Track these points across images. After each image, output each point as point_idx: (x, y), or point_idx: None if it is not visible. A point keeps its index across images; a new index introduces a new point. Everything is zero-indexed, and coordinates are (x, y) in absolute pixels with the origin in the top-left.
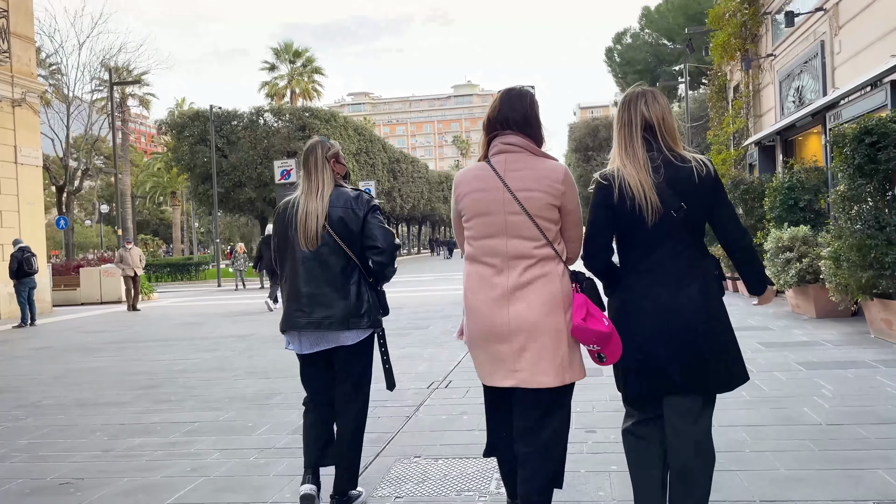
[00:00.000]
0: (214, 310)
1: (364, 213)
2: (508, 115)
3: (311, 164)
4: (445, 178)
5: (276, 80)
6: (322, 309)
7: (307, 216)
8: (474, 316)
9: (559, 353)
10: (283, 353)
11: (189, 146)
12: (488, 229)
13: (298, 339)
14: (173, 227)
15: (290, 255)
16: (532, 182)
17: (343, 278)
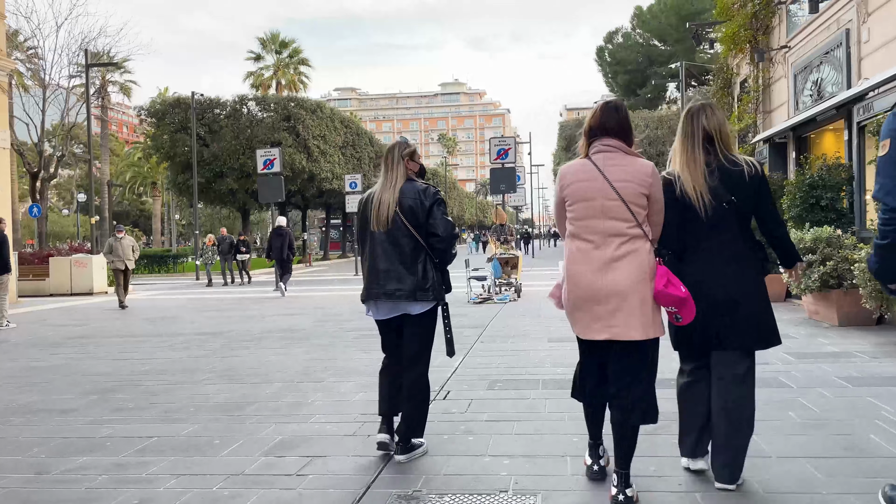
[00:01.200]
0: (190, 304)
1: (430, 204)
2: (607, 123)
3: (390, 160)
4: (432, 174)
5: (261, 70)
6: (395, 283)
7: (381, 203)
8: (575, 281)
9: (646, 313)
10: (260, 354)
11: (169, 134)
12: (589, 212)
13: (375, 307)
14: (153, 218)
15: (369, 238)
16: (627, 175)
17: (412, 258)
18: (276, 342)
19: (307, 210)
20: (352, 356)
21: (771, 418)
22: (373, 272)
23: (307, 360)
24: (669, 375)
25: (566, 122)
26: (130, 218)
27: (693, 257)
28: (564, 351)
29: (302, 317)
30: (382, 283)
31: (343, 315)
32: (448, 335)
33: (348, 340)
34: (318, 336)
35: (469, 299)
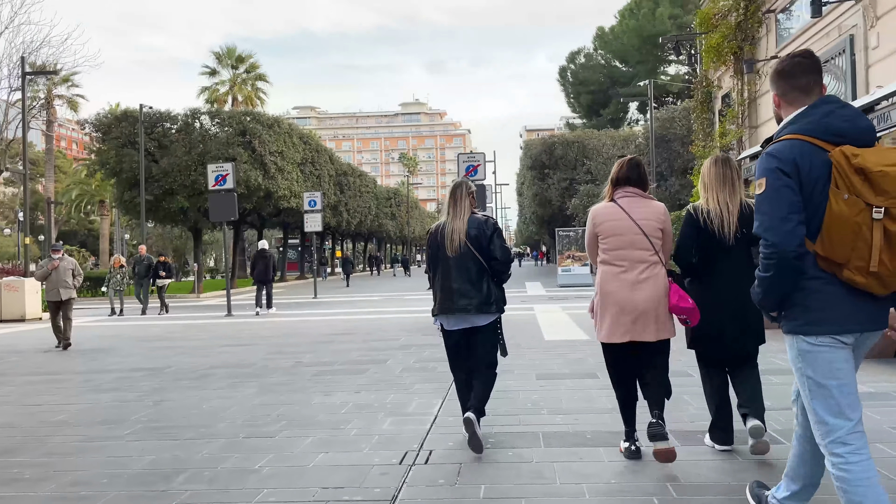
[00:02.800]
0: (130, 333)
1: (490, 233)
2: (630, 175)
3: (457, 196)
4: (394, 193)
5: (217, 85)
6: (465, 299)
7: (452, 231)
8: (610, 297)
9: (665, 321)
10: (202, 395)
11: (116, 149)
12: (619, 244)
13: (447, 320)
14: (101, 238)
15: (441, 262)
16: (647, 214)
17: (478, 278)
18: (222, 380)
19: (263, 229)
20: (310, 399)
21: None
22: (446, 291)
23: (256, 405)
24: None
25: (531, 142)
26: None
27: (708, 277)
28: (559, 392)
29: (253, 348)
30: (455, 299)
31: (300, 346)
32: (501, 339)
33: (306, 378)
34: (271, 373)
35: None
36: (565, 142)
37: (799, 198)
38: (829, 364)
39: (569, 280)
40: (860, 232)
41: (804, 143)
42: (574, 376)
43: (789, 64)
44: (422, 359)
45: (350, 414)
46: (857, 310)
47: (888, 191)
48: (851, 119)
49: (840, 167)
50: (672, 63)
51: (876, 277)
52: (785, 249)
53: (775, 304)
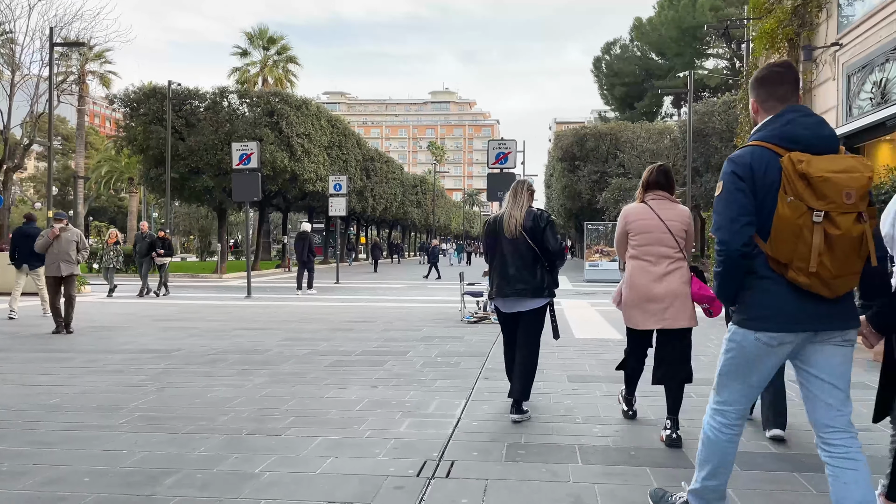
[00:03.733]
0: (147, 311)
1: (543, 225)
2: (659, 180)
3: (518, 190)
4: (420, 181)
5: (247, 66)
6: (520, 284)
7: (510, 217)
8: (637, 288)
9: (688, 310)
10: (209, 383)
11: (143, 125)
12: (648, 240)
13: (503, 303)
14: (129, 215)
15: (498, 249)
16: (674, 216)
17: (532, 264)
18: (232, 367)
19: (288, 213)
20: (323, 392)
21: None
22: (503, 276)
23: (264, 396)
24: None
25: (562, 133)
26: (108, 214)
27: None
28: (594, 398)
29: (269, 333)
30: (512, 283)
31: (318, 333)
32: (554, 322)
33: (321, 368)
34: (284, 361)
35: (463, 318)
36: (597, 133)
37: (750, 201)
38: (754, 360)
39: (596, 275)
40: (801, 234)
41: (763, 149)
42: (609, 380)
43: (769, 73)
44: (444, 352)
45: (365, 412)
46: (800, 310)
47: (828, 195)
48: (812, 127)
49: (787, 172)
50: (710, 57)
51: (817, 278)
52: (732, 248)
53: (729, 298)
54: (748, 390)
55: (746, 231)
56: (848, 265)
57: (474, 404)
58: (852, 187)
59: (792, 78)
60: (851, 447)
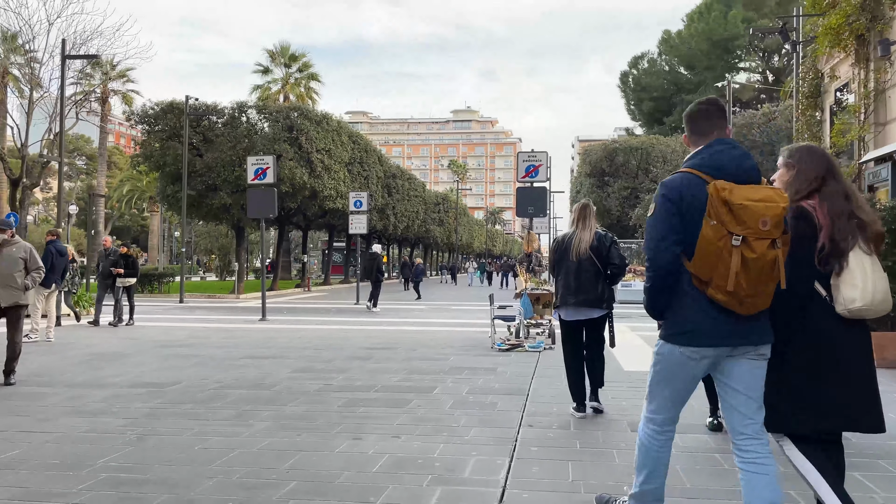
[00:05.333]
0: (152, 335)
1: (609, 244)
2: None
3: (586, 214)
4: (443, 199)
5: (269, 84)
6: (583, 294)
7: (581, 241)
8: None
9: None
10: (200, 429)
11: (160, 141)
12: None
13: (566, 311)
14: (150, 234)
15: (565, 265)
16: None
17: (595, 278)
18: (232, 406)
19: (308, 231)
20: (333, 444)
21: None
22: (568, 287)
23: (263, 449)
24: None
25: (590, 148)
26: (131, 234)
27: None
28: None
29: (279, 362)
30: (575, 294)
31: (333, 363)
32: (612, 331)
33: (333, 411)
34: (292, 399)
35: (493, 344)
36: (628, 148)
37: (679, 223)
38: (679, 372)
39: (629, 296)
40: (721, 255)
41: (693, 176)
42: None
43: (697, 110)
44: (476, 389)
45: (384, 475)
46: (719, 325)
47: (746, 221)
48: (737, 159)
49: (711, 198)
50: (741, 70)
51: (733, 296)
52: (660, 265)
53: (658, 312)
54: (675, 399)
55: (673, 250)
56: (761, 286)
57: (521, 465)
58: (768, 215)
59: (717, 113)
60: (761, 453)
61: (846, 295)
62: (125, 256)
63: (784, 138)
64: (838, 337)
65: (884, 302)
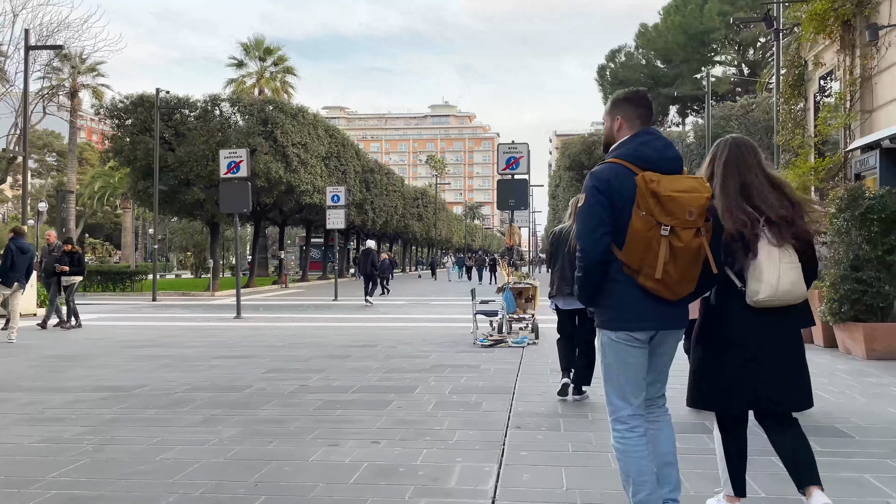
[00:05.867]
0: (121, 335)
1: None
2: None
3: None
4: (422, 194)
5: (243, 77)
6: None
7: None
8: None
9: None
10: (163, 438)
11: (131, 136)
12: None
13: (562, 300)
14: (124, 231)
15: (561, 255)
16: None
17: None
18: (199, 411)
19: (285, 227)
20: (307, 452)
21: None
22: (564, 277)
23: (231, 459)
24: None
25: (569, 141)
26: (104, 231)
27: None
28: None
29: (252, 362)
30: (571, 284)
31: (310, 362)
32: None
33: (308, 414)
34: (265, 402)
35: (476, 340)
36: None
37: (608, 213)
38: (623, 357)
39: None
40: (650, 244)
41: (621, 166)
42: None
43: (635, 95)
44: (460, 388)
45: (363, 487)
46: (650, 311)
47: (674, 212)
48: (661, 150)
49: (640, 189)
50: (717, 63)
51: (663, 284)
52: (591, 255)
53: (588, 300)
54: (631, 388)
55: (604, 240)
56: (688, 273)
57: (510, 472)
58: (694, 206)
59: (649, 103)
60: (664, 417)
61: (750, 287)
62: (70, 253)
63: (762, 130)
64: (752, 324)
65: (790, 292)
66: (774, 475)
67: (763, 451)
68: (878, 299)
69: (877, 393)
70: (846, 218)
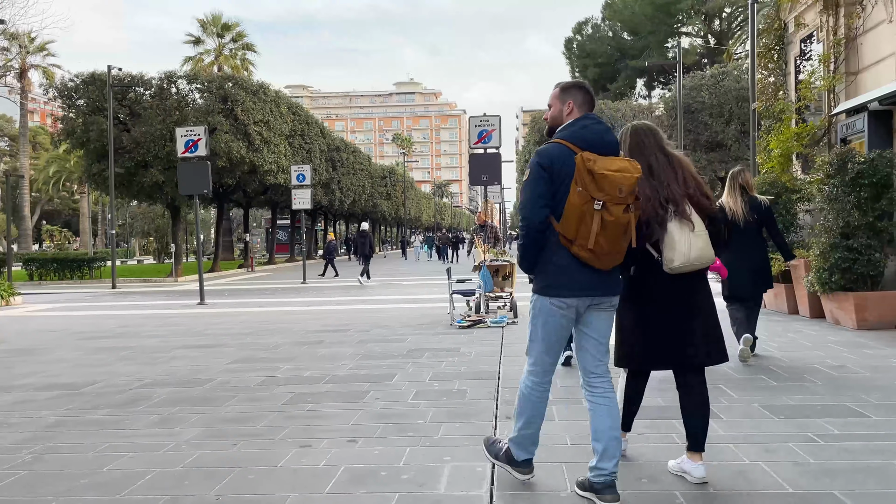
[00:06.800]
0: (78, 326)
1: None
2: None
3: None
4: (389, 172)
5: (201, 55)
6: None
7: None
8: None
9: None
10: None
11: (83, 116)
12: None
13: None
14: (81, 217)
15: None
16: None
17: None
18: (156, 409)
19: (250, 208)
20: (276, 455)
21: None
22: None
23: (188, 466)
24: None
25: (539, 116)
26: (62, 218)
27: (738, 246)
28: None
29: (217, 352)
30: None
31: (279, 350)
32: None
33: (276, 409)
34: (229, 396)
35: (453, 321)
36: None
37: (549, 187)
38: (553, 321)
39: None
40: (584, 218)
41: (563, 146)
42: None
43: (582, 84)
44: (440, 374)
45: (341, 496)
46: (583, 279)
47: (606, 189)
48: (600, 133)
49: (578, 167)
50: (684, 35)
51: (594, 254)
52: (532, 223)
53: (529, 267)
54: (550, 350)
55: (543, 211)
56: (617, 244)
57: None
58: (624, 184)
59: (586, 91)
60: (606, 388)
61: (666, 256)
62: None
63: (733, 99)
64: (670, 289)
65: (699, 258)
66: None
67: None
68: (869, 267)
69: (877, 366)
70: (836, 184)
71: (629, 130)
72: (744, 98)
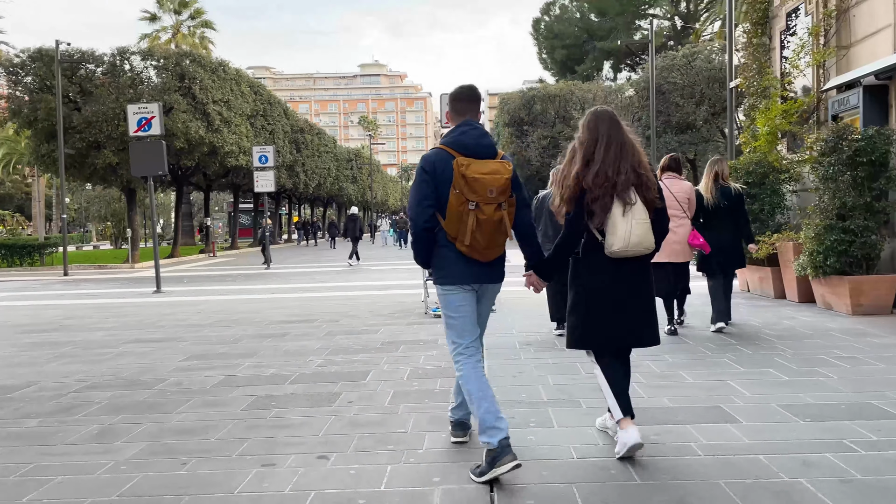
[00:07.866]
0: (15, 316)
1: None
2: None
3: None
4: (355, 155)
5: (157, 32)
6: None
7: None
8: None
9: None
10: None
11: (29, 93)
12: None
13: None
14: (34, 201)
15: (544, 215)
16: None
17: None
18: (94, 419)
19: (210, 191)
20: (233, 478)
21: None
22: (546, 236)
23: (125, 495)
24: None
25: (508, 97)
26: (15, 202)
27: (709, 227)
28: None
29: (170, 346)
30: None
31: (239, 344)
32: None
33: (235, 418)
34: (181, 400)
35: (427, 310)
36: (546, 96)
37: (432, 189)
38: (454, 303)
39: None
40: (462, 217)
41: (444, 151)
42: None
43: (459, 92)
44: (419, 371)
45: None
46: (468, 269)
47: (477, 191)
48: (477, 138)
49: (455, 171)
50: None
51: (472, 248)
52: (418, 223)
53: (423, 262)
54: (463, 330)
55: (428, 211)
56: (493, 240)
57: (508, 498)
58: (494, 186)
59: (474, 97)
60: (480, 356)
61: (607, 240)
62: None
63: (704, 80)
64: (612, 272)
65: (639, 245)
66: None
67: None
68: (866, 250)
69: (890, 357)
70: (832, 162)
71: (588, 118)
72: (715, 79)
